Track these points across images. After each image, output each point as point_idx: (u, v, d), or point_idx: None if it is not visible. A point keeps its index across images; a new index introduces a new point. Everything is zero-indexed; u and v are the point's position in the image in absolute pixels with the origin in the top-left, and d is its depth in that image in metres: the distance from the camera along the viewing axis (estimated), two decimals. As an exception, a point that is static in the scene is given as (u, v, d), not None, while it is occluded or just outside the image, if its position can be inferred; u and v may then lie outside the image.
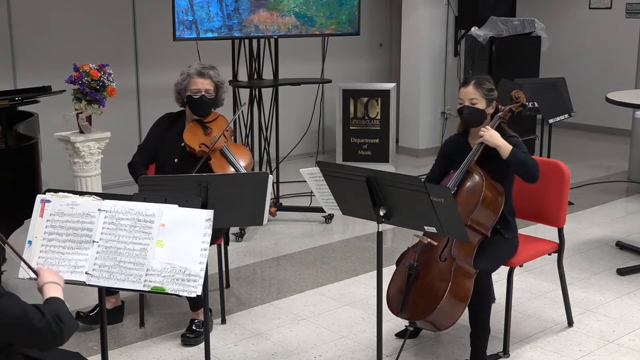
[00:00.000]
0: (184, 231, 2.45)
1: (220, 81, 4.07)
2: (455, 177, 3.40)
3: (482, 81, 3.48)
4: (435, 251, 3.32)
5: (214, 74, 4.02)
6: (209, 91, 3.98)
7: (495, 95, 3.50)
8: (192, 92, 3.97)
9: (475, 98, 3.44)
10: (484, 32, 7.38)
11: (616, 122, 8.69)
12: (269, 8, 5.66)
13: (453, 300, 3.19)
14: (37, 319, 2.00)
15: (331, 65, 7.27)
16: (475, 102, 3.44)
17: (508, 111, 3.53)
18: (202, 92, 3.96)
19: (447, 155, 3.63)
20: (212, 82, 4.00)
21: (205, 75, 3.99)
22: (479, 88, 3.45)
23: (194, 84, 3.96)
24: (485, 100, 3.46)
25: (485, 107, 3.46)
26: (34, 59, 6.15)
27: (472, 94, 3.44)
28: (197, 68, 4.01)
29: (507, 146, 3.35)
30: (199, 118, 4.03)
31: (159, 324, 3.92)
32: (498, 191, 3.36)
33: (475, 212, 3.28)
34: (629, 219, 5.74)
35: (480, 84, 3.47)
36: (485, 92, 3.45)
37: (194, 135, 3.98)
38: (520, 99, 3.60)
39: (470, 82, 3.49)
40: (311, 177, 3.22)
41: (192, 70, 4.01)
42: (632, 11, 8.73)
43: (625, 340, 3.68)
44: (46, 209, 2.51)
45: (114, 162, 5.56)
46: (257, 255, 5.00)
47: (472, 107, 3.45)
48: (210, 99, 4.00)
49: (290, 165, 6.72)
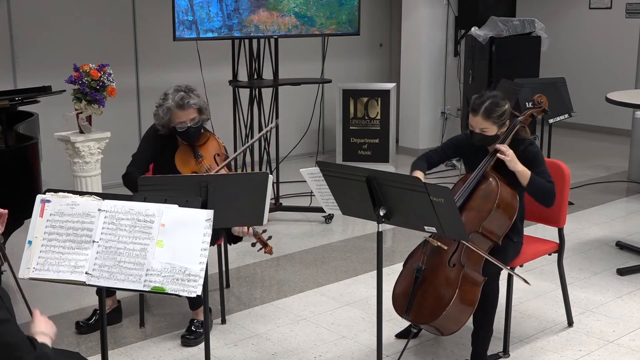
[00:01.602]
0: (184, 231, 2.44)
1: (202, 105, 3.85)
2: (469, 181, 3.36)
3: (491, 108, 3.32)
4: (444, 256, 3.28)
5: (194, 102, 3.80)
6: (194, 120, 3.79)
7: (506, 117, 3.36)
8: (177, 124, 3.78)
9: (486, 127, 3.34)
10: (484, 32, 7.38)
11: (616, 122, 8.69)
12: (269, 8, 5.66)
13: (460, 306, 3.16)
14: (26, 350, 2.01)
15: (331, 65, 7.28)
16: (487, 131, 3.34)
17: (529, 116, 3.47)
18: (187, 124, 3.78)
19: (460, 148, 3.58)
20: (195, 110, 3.80)
21: (186, 106, 3.76)
22: (488, 118, 3.32)
23: (177, 117, 3.77)
24: (497, 125, 3.35)
25: (497, 132, 3.35)
26: (34, 59, 6.15)
27: (482, 124, 3.33)
28: (175, 100, 3.77)
29: (525, 172, 3.30)
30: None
31: (159, 324, 3.92)
32: (513, 197, 3.29)
33: (488, 218, 3.23)
34: (629, 219, 5.74)
35: (489, 114, 3.31)
36: (495, 120, 3.33)
37: (185, 164, 3.85)
38: (543, 104, 3.56)
39: (478, 111, 3.33)
40: (311, 177, 3.22)
41: (170, 104, 3.77)
42: (632, 11, 8.73)
43: (625, 340, 3.68)
44: (46, 209, 2.51)
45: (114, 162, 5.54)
46: (257, 255, 4.99)
47: (483, 134, 3.35)
48: (197, 126, 3.83)
49: (290, 165, 6.72)
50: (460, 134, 3.70)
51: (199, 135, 3.89)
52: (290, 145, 6.68)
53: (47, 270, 2.46)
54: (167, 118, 3.80)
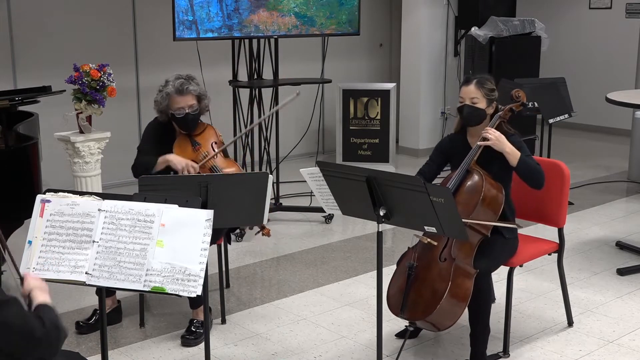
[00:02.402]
0: (184, 231, 2.45)
1: (201, 92, 3.92)
2: (454, 177, 3.40)
3: (483, 81, 3.49)
4: (435, 251, 3.32)
5: (193, 89, 3.87)
6: (192, 106, 3.86)
7: (496, 95, 3.51)
8: (175, 110, 3.84)
9: (476, 97, 3.44)
10: (484, 32, 7.38)
11: (616, 122, 8.69)
12: (269, 8, 5.66)
13: (453, 300, 3.19)
14: (37, 328, 1.99)
15: (331, 65, 7.28)
16: (476, 102, 3.45)
17: (508, 110, 3.53)
18: (185, 110, 3.84)
19: (445, 152, 3.63)
20: (194, 97, 3.86)
21: (185, 92, 3.83)
22: (480, 88, 3.46)
23: (176, 103, 3.83)
24: (486, 100, 3.46)
25: (485, 107, 3.46)
26: (34, 59, 6.15)
27: (473, 93, 3.45)
28: (175, 86, 3.84)
29: (514, 152, 3.34)
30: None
31: (159, 324, 3.92)
32: (498, 191, 3.35)
33: (475, 212, 3.27)
34: (629, 219, 5.74)
35: (482, 84, 3.47)
36: (487, 92, 3.46)
37: (182, 152, 3.89)
38: (521, 98, 3.61)
39: (471, 81, 3.49)
40: (311, 177, 3.22)
41: (170, 89, 3.84)
42: (632, 11, 8.73)
43: (625, 340, 3.68)
44: (46, 209, 2.51)
45: (114, 162, 5.56)
46: (257, 255, 5.00)
47: (472, 106, 3.45)
48: (195, 113, 3.89)
49: (290, 165, 6.72)
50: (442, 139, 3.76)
51: (196, 123, 3.94)
52: (290, 145, 6.68)
53: (47, 270, 2.46)
54: (166, 104, 3.85)
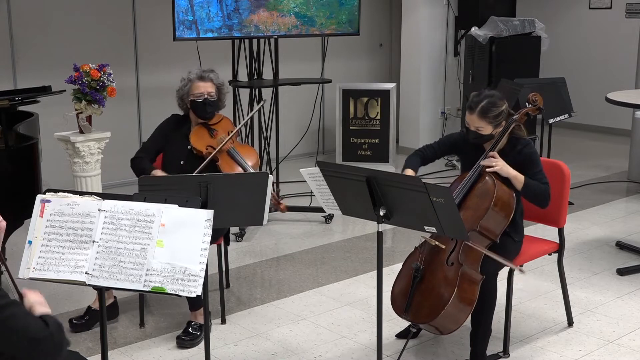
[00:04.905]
0: (184, 231, 2.44)
1: (221, 83, 4.14)
2: (466, 179, 3.36)
3: (487, 108, 3.32)
4: (442, 255, 3.28)
5: (214, 77, 4.10)
6: (211, 94, 4.05)
7: (503, 117, 3.37)
8: (195, 96, 4.03)
9: (481, 126, 3.34)
10: (484, 32, 7.38)
11: (616, 122, 8.69)
12: (269, 8, 5.66)
13: (458, 305, 3.15)
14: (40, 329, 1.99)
15: (331, 65, 7.28)
16: (481, 130, 3.35)
17: (524, 115, 3.45)
18: (204, 96, 4.03)
19: (455, 146, 3.59)
20: (214, 85, 4.08)
21: (206, 79, 4.06)
22: (484, 118, 3.33)
23: (196, 88, 4.03)
24: (492, 125, 3.35)
25: (492, 131, 3.36)
26: (34, 59, 6.15)
27: (477, 122, 3.34)
28: (197, 72, 4.09)
29: (519, 177, 3.30)
30: (204, 121, 4.10)
31: (159, 324, 3.92)
32: (510, 196, 3.29)
33: (485, 217, 3.22)
34: (629, 219, 5.74)
35: (485, 114, 3.32)
36: (491, 120, 3.34)
37: (200, 138, 4.05)
38: (538, 103, 3.54)
39: (475, 110, 3.33)
40: (311, 177, 3.22)
41: (192, 76, 4.07)
42: (632, 11, 8.73)
43: (625, 340, 3.68)
44: (46, 209, 2.51)
45: (114, 162, 5.56)
46: (257, 255, 5.00)
47: (477, 132, 3.36)
48: (214, 101, 4.07)
49: (290, 165, 6.72)
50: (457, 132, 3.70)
51: (213, 110, 4.12)
52: (290, 145, 6.68)
53: (47, 270, 2.46)
54: (187, 89, 4.05)
